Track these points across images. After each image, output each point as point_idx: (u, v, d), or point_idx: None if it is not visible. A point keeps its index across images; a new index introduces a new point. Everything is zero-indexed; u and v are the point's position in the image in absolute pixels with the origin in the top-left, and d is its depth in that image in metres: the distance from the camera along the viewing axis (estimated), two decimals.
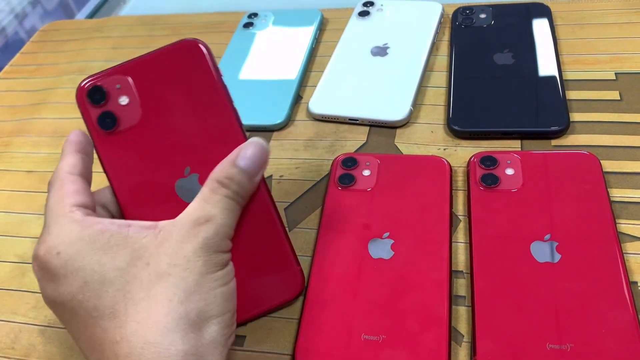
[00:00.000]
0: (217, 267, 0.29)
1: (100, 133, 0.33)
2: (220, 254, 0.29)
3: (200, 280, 0.28)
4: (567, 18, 0.51)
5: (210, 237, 0.29)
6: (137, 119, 0.33)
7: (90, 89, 0.32)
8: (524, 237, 0.36)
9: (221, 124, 0.33)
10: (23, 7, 0.78)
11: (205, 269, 0.28)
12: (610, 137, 0.41)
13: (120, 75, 0.33)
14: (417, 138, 0.44)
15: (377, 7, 0.55)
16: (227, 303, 0.29)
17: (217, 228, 0.29)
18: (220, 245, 0.29)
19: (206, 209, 0.29)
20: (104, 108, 0.32)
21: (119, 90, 0.32)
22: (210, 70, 0.33)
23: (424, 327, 0.33)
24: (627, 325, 0.31)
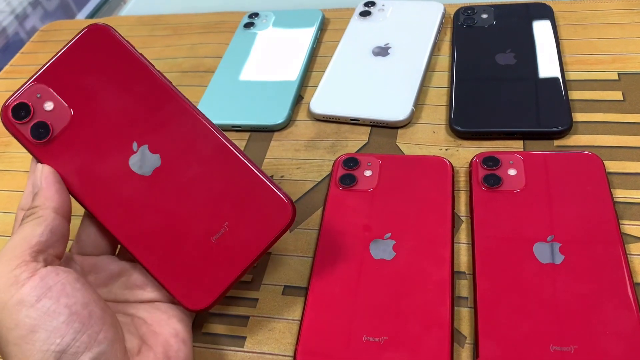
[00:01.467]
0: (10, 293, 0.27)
1: (39, 146, 0.33)
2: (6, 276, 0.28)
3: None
4: (569, 18, 0.51)
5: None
6: (67, 118, 0.33)
7: (13, 107, 0.33)
8: (527, 238, 0.35)
9: (149, 90, 0.33)
10: (24, 7, 0.78)
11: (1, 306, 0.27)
12: (613, 137, 0.41)
13: (37, 84, 0.33)
14: (418, 138, 0.44)
15: (379, 7, 0.55)
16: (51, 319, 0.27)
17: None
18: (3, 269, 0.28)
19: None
20: (32, 121, 0.33)
21: (41, 99, 0.33)
22: (121, 45, 0.33)
23: (426, 328, 0.32)
24: (631, 327, 0.31)
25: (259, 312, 0.36)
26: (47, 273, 0.28)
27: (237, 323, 0.36)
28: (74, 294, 0.28)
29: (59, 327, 0.27)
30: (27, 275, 0.28)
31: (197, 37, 0.59)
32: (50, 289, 0.28)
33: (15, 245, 0.29)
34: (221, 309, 0.37)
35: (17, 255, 0.28)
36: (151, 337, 0.31)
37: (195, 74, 0.55)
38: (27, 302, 0.27)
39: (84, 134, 0.33)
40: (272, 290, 0.37)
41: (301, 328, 0.34)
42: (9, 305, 0.27)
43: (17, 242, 0.29)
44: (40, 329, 0.27)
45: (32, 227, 0.30)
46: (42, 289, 0.27)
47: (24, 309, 0.27)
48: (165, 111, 0.33)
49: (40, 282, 0.28)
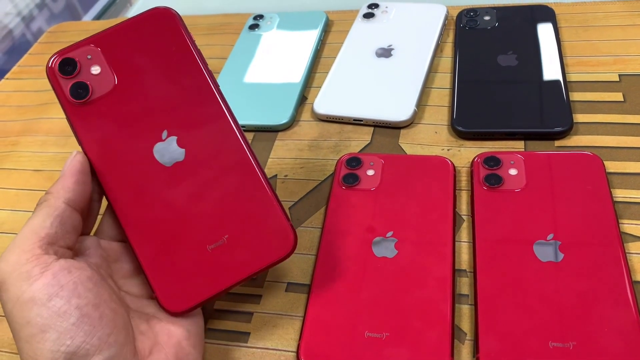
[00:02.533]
0: (20, 290, 0.27)
1: (74, 104, 0.32)
2: (16, 271, 0.27)
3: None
4: (570, 20, 0.51)
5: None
6: (110, 87, 0.33)
7: (61, 61, 0.33)
8: (527, 236, 0.36)
9: (195, 86, 0.33)
10: (30, 9, 0.79)
11: (9, 301, 0.27)
12: (614, 138, 0.41)
13: (91, 46, 0.33)
14: (421, 138, 0.45)
15: (382, 9, 0.55)
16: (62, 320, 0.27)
17: (3, 255, 0.28)
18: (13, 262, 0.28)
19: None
20: (76, 79, 0.33)
21: (90, 61, 0.33)
22: (182, 35, 0.33)
23: (427, 325, 0.33)
24: (629, 324, 0.31)
25: (262, 308, 0.37)
26: (60, 270, 0.28)
27: (241, 319, 0.36)
28: (86, 294, 0.28)
29: (69, 329, 0.27)
30: (39, 270, 0.27)
31: (203, 39, 0.60)
32: (62, 287, 0.27)
33: (25, 236, 0.29)
34: (225, 305, 0.37)
35: (27, 248, 0.28)
36: (164, 336, 0.31)
37: None
38: (39, 300, 0.27)
39: (120, 107, 0.33)
40: (276, 287, 0.38)
41: (304, 324, 0.34)
42: (21, 301, 0.27)
43: (26, 233, 0.29)
44: (50, 329, 0.26)
45: (42, 218, 0.29)
46: (54, 287, 0.27)
47: (35, 307, 0.27)
48: (203, 110, 0.33)
49: (52, 280, 0.27)
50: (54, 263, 0.28)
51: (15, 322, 0.27)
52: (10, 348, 0.38)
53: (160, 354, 0.30)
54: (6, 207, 0.48)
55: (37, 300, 0.27)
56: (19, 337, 0.27)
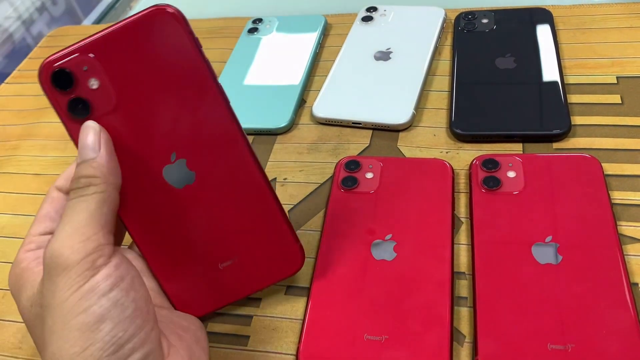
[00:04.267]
0: (83, 277, 0.27)
1: (74, 121, 0.29)
2: (83, 260, 0.27)
3: (63, 303, 0.26)
4: (568, 23, 0.51)
5: (55, 250, 0.27)
6: (111, 103, 0.29)
7: (55, 72, 0.29)
8: (526, 239, 0.36)
9: (205, 102, 0.30)
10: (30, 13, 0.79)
11: (65, 289, 0.26)
12: (612, 140, 0.41)
13: (86, 55, 0.29)
14: (419, 141, 0.45)
15: (380, 12, 0.56)
16: (122, 310, 0.27)
17: (62, 242, 0.27)
18: (79, 250, 0.27)
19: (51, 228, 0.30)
20: (73, 94, 0.29)
21: (87, 73, 0.29)
22: (187, 41, 0.29)
23: (426, 327, 0.33)
24: (627, 326, 0.31)
25: (262, 311, 0.37)
26: (120, 262, 0.28)
27: (241, 322, 0.37)
28: (140, 288, 0.28)
29: (124, 320, 0.27)
30: (103, 261, 0.27)
31: (202, 42, 0.60)
32: (123, 279, 0.27)
33: (86, 223, 0.27)
34: (225, 309, 0.37)
35: (91, 236, 0.27)
36: (177, 340, 0.31)
37: None
38: (101, 290, 0.26)
39: (123, 127, 0.30)
40: (275, 290, 0.38)
41: (303, 327, 0.35)
42: (83, 289, 0.26)
43: (85, 219, 0.28)
44: (107, 320, 0.26)
45: (98, 204, 0.28)
46: (116, 279, 0.27)
47: (96, 297, 0.26)
48: (212, 129, 0.31)
49: (115, 271, 0.27)
50: (115, 254, 0.28)
51: (68, 311, 0.26)
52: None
53: (176, 356, 0.30)
54: (7, 211, 0.48)
55: (98, 290, 0.26)
56: (68, 326, 0.26)
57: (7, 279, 0.42)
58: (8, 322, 0.40)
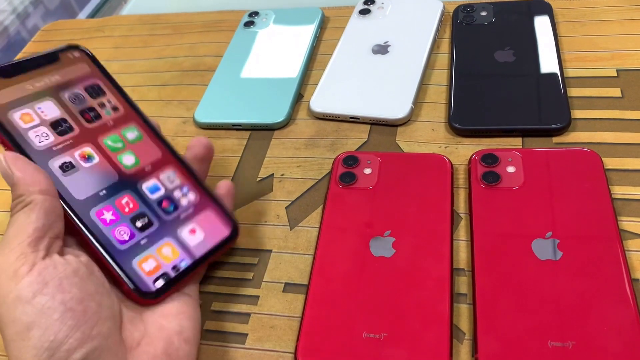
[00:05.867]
0: (8, 289, 0.27)
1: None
2: (5, 272, 0.27)
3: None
4: (568, 15, 0.51)
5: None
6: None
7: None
8: (526, 234, 0.36)
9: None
10: (25, 6, 0.78)
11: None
12: (612, 134, 0.41)
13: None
14: (418, 136, 0.44)
15: (378, 5, 0.55)
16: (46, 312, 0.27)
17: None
18: (1, 262, 0.28)
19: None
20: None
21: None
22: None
23: (426, 324, 0.33)
24: (628, 323, 0.31)
25: (260, 309, 0.37)
26: (45, 267, 0.28)
27: (239, 320, 0.36)
28: (70, 289, 0.28)
29: (52, 324, 0.27)
30: (26, 269, 0.27)
31: (198, 36, 0.60)
32: (47, 284, 0.27)
33: (13, 235, 0.28)
34: (223, 306, 0.37)
35: (15, 247, 0.28)
36: (155, 329, 0.31)
37: (196, 72, 0.55)
38: (24, 298, 0.27)
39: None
40: (273, 288, 0.37)
41: (302, 325, 0.34)
42: (8, 301, 0.27)
43: (13, 233, 0.29)
44: (35, 326, 0.26)
45: (25, 214, 0.29)
46: (39, 285, 0.27)
47: (20, 305, 0.27)
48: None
49: (37, 277, 0.27)
50: (41, 261, 0.28)
51: (2, 322, 0.27)
52: None
53: (149, 347, 0.30)
54: (5, 208, 0.47)
55: (22, 298, 0.27)
56: (4, 338, 0.27)
57: None
58: None
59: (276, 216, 0.41)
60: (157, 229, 0.35)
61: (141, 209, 0.35)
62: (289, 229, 0.40)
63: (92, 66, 0.38)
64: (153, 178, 0.36)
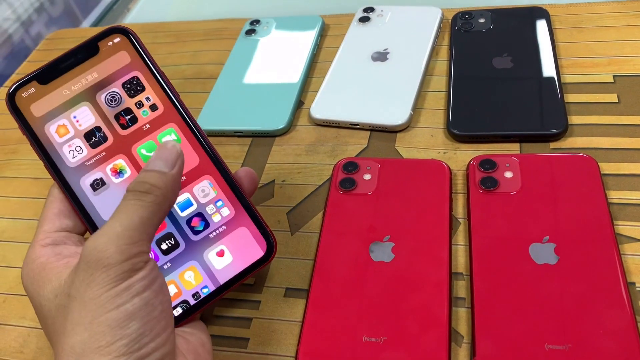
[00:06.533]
0: (121, 277, 0.27)
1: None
2: (125, 262, 0.27)
3: (97, 300, 0.27)
4: (565, 22, 0.51)
5: (100, 244, 0.28)
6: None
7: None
8: (523, 239, 0.36)
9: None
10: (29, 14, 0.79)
11: (102, 284, 0.27)
12: (609, 139, 0.42)
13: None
14: (417, 142, 0.45)
15: (377, 12, 0.56)
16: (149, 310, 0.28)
17: (109, 239, 0.28)
18: (124, 251, 0.27)
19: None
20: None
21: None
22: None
23: (425, 328, 0.33)
24: (624, 326, 0.31)
25: (261, 314, 0.37)
26: (154, 267, 0.29)
27: (240, 325, 0.37)
28: (167, 292, 0.29)
29: (151, 320, 0.27)
30: (141, 266, 0.28)
31: (200, 44, 0.60)
32: (154, 281, 0.28)
33: (136, 227, 0.28)
34: (225, 311, 0.38)
35: (137, 241, 0.28)
36: (184, 343, 0.32)
37: (198, 80, 0.56)
38: (135, 290, 0.27)
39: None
40: (274, 293, 0.38)
41: (302, 329, 0.35)
42: (119, 288, 0.27)
43: (136, 223, 0.28)
44: (137, 317, 0.27)
45: (152, 213, 0.29)
46: (149, 281, 0.28)
47: (130, 296, 0.27)
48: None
49: (149, 274, 0.28)
50: (150, 259, 0.29)
51: (100, 305, 0.27)
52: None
53: (183, 359, 0.31)
54: (7, 215, 0.48)
55: (134, 290, 0.27)
56: (93, 319, 0.26)
57: (7, 283, 0.43)
58: (10, 327, 0.40)
59: (277, 222, 0.42)
60: (183, 252, 0.34)
61: (168, 229, 0.34)
62: (290, 234, 0.41)
63: (133, 53, 0.34)
64: (185, 192, 0.34)
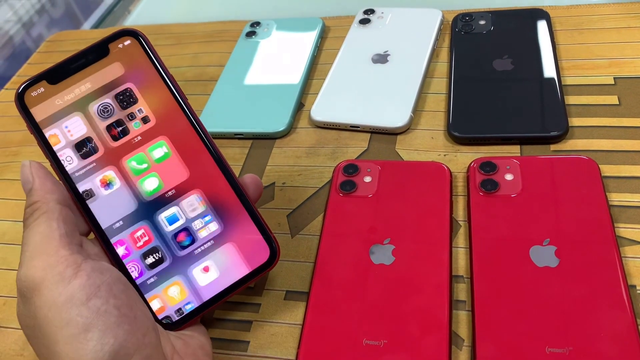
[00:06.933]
0: (57, 292, 0.27)
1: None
2: (50, 273, 0.27)
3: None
4: (566, 23, 0.51)
5: (22, 275, 0.27)
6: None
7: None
8: (523, 241, 0.36)
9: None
10: (30, 16, 0.79)
11: (43, 307, 0.26)
12: (609, 141, 0.41)
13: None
14: (417, 144, 0.45)
15: (378, 14, 0.56)
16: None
17: (25, 264, 0.27)
18: (42, 267, 0.27)
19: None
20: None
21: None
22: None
23: (425, 331, 0.33)
24: (625, 328, 0.31)
25: (261, 316, 0.37)
26: (92, 271, 0.27)
27: (241, 328, 0.37)
28: (120, 295, 0.28)
29: (111, 327, 0.26)
30: (72, 272, 0.27)
31: (200, 46, 0.60)
32: (99, 288, 0.27)
33: (41, 242, 0.28)
34: (225, 314, 0.38)
35: (51, 251, 0.27)
36: (183, 346, 0.31)
37: (198, 82, 0.56)
38: (78, 299, 0.26)
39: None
40: (275, 295, 0.38)
41: (303, 332, 0.35)
42: (59, 302, 0.26)
43: (40, 239, 0.28)
44: (93, 328, 0.26)
45: (47, 223, 0.29)
46: (91, 288, 0.27)
47: (75, 307, 0.26)
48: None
49: (88, 281, 0.27)
50: (84, 263, 0.28)
51: (53, 326, 0.26)
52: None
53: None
54: (8, 217, 0.48)
55: (75, 300, 0.26)
56: (55, 341, 0.26)
57: (8, 286, 0.43)
58: (10, 330, 0.40)
59: (277, 224, 0.42)
60: (168, 266, 0.33)
61: (154, 243, 0.33)
62: (290, 237, 0.41)
63: (141, 59, 0.34)
64: (173, 205, 0.33)
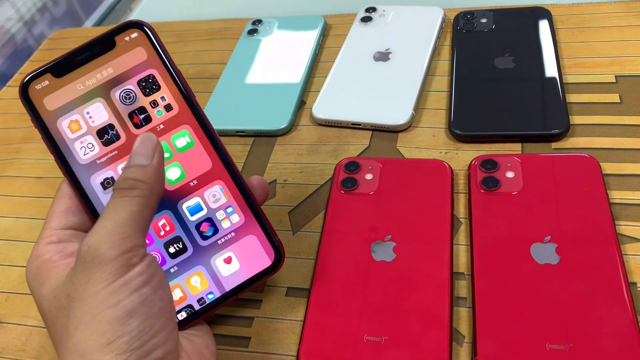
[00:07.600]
0: (118, 272, 0.27)
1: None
2: (120, 257, 0.27)
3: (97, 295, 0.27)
4: (567, 22, 0.51)
5: (93, 243, 0.27)
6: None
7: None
8: (524, 239, 0.36)
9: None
10: (32, 14, 0.79)
11: (100, 282, 0.27)
12: (610, 139, 0.42)
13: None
14: (419, 142, 0.45)
15: (380, 12, 0.56)
16: (148, 306, 0.27)
17: (101, 237, 0.27)
18: (117, 246, 0.27)
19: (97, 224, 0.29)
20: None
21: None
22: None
23: (426, 328, 0.33)
24: (626, 326, 0.31)
25: (263, 313, 0.37)
26: (152, 262, 0.28)
27: (242, 324, 0.37)
28: (166, 288, 0.29)
29: (151, 317, 0.27)
30: (137, 260, 0.28)
31: (202, 44, 0.61)
32: (153, 278, 0.28)
33: (126, 222, 0.28)
34: (226, 310, 0.38)
35: (130, 235, 0.28)
36: (189, 345, 0.32)
37: (200, 80, 0.56)
38: (133, 286, 0.27)
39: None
40: (276, 292, 0.38)
41: (304, 328, 0.35)
42: (116, 284, 0.27)
43: (126, 218, 0.28)
44: (137, 314, 0.27)
45: (140, 207, 0.29)
46: (147, 277, 0.28)
47: (128, 292, 0.27)
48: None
49: (147, 269, 0.28)
50: (147, 255, 0.29)
51: (99, 303, 0.26)
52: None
53: (187, 359, 0.31)
54: (10, 214, 0.48)
55: (131, 286, 0.27)
56: (98, 318, 0.26)
57: (9, 282, 0.43)
58: (12, 325, 0.40)
59: (279, 221, 0.42)
60: (190, 256, 0.33)
61: (177, 233, 0.33)
62: (292, 233, 0.41)
63: (150, 50, 0.34)
64: (196, 196, 0.34)
